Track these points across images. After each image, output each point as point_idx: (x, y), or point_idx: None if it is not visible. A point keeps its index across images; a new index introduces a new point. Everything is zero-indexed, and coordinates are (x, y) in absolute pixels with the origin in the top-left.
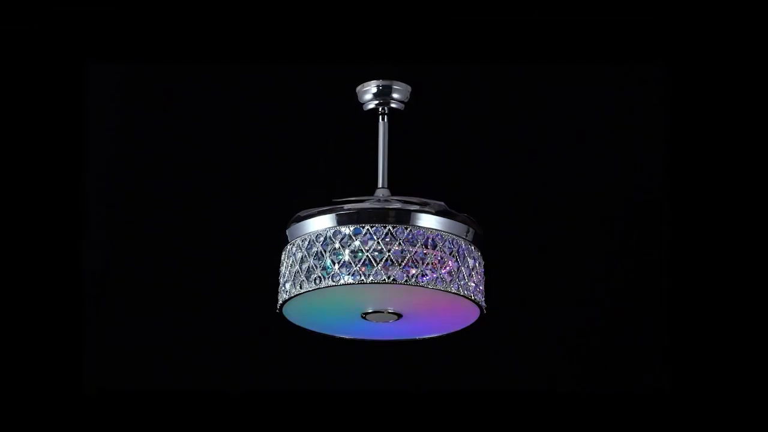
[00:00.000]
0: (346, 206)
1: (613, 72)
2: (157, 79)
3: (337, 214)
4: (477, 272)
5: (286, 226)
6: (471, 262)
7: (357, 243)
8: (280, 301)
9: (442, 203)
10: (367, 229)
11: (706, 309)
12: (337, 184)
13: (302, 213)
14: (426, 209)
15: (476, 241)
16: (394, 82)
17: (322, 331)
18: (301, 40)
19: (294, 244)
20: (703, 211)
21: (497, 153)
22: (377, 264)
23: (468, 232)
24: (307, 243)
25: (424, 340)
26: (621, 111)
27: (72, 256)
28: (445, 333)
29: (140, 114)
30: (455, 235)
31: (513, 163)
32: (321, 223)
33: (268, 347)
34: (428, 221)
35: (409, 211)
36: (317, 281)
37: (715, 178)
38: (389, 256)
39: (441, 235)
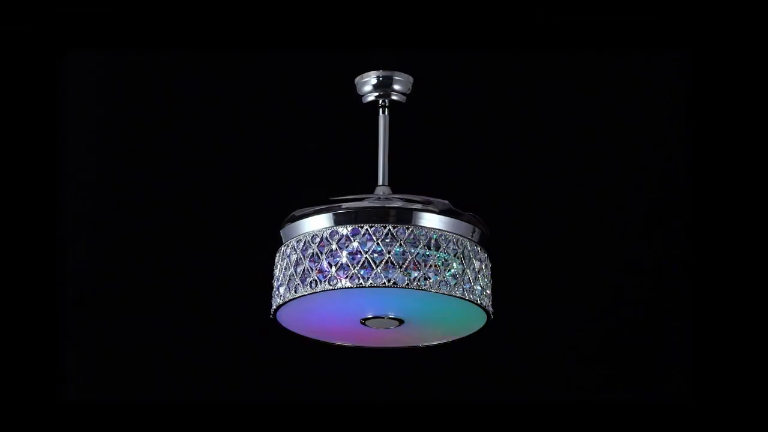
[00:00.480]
0: (344, 205)
1: (623, 65)
2: (142, 70)
3: (334, 214)
4: (483, 275)
5: (281, 226)
6: (477, 264)
7: (355, 244)
8: (274, 306)
9: (446, 201)
10: (366, 230)
11: (728, 317)
12: (335, 181)
13: (297, 212)
14: (429, 208)
15: (482, 242)
16: (395, 72)
17: (318, 338)
18: (295, 27)
19: (288, 246)
20: (724, 210)
21: (505, 148)
22: (377, 266)
23: (474, 232)
24: (302, 244)
25: (427, 347)
26: (635, 104)
27: (50, 258)
28: (449, 340)
29: (124, 108)
30: (460, 235)
31: (522, 159)
32: (317, 223)
33: (261, 355)
34: (431, 221)
35: (411, 210)
36: (313, 285)
37: (734, 178)
38: (390, 258)
39: (445, 236)
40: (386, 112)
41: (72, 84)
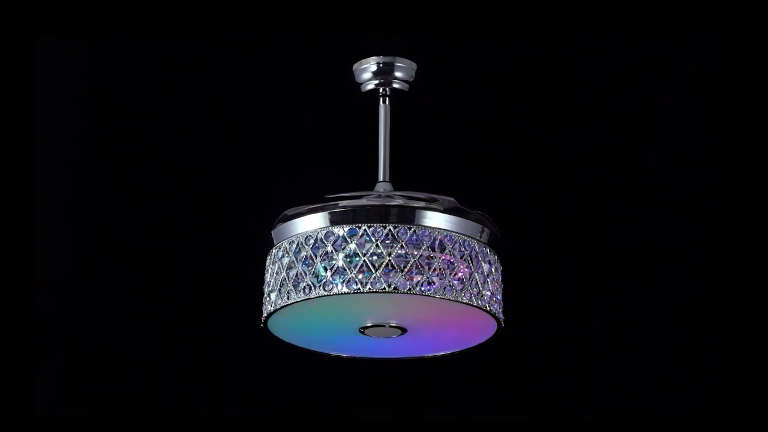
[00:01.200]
0: (341, 203)
1: (646, 50)
2: (135, 62)
3: (329, 213)
4: (493, 279)
5: (272, 226)
6: (486, 267)
7: (353, 246)
8: (265, 314)
9: (452, 199)
10: (365, 230)
11: (759, 324)
12: (331, 177)
13: (289, 211)
14: (433, 206)
15: (492, 243)
16: (397, 58)
17: (313, 348)
18: (289, 9)
19: (280, 248)
20: (752, 213)
21: (515, 141)
22: (376, 270)
23: (482, 232)
24: (295, 246)
25: (431, 358)
26: (660, 91)
27: (26, 261)
28: (456, 350)
29: (123, 107)
30: (467, 236)
31: (535, 153)
32: (311, 223)
33: (252, 366)
34: (435, 220)
35: (414, 209)
36: (307, 290)
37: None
38: (390, 260)
39: (450, 236)
40: (387, 102)
41: (53, 72)
